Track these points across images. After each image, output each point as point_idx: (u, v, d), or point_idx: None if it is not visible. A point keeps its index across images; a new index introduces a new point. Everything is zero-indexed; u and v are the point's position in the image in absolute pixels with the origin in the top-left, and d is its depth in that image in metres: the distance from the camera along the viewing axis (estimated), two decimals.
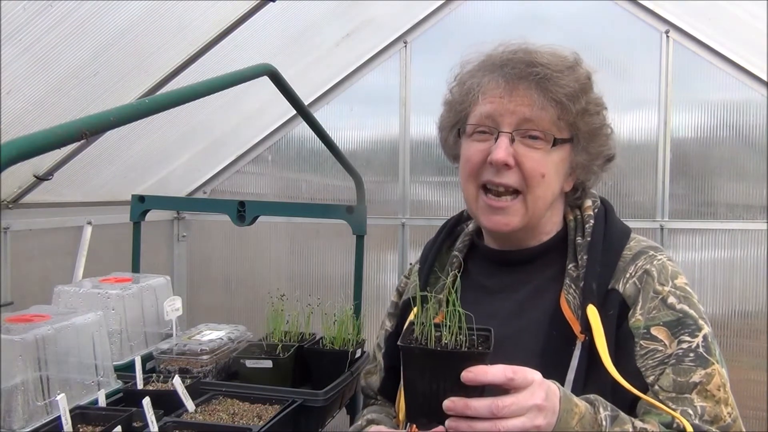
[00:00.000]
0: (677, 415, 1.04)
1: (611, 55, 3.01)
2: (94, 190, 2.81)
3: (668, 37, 2.97)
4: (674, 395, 1.07)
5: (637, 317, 1.13)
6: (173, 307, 1.90)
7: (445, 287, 1.25)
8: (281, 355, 1.81)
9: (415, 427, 1.04)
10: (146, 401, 1.37)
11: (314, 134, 2.11)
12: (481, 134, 1.20)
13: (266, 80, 1.68)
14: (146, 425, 1.36)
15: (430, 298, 1.11)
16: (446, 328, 0.96)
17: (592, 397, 1.02)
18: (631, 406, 1.08)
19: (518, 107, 1.15)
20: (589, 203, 1.28)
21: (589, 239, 1.20)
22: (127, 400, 1.57)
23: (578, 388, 1.08)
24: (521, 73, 1.16)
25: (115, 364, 1.74)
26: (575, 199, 1.30)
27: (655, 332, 1.11)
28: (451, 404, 0.90)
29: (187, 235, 3.59)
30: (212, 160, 3.45)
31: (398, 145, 3.32)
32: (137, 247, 2.37)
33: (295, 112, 2.67)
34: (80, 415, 1.41)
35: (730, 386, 1.10)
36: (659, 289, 1.14)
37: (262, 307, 2.05)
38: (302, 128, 3.35)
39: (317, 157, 3.42)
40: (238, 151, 3.48)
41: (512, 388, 0.91)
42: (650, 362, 1.10)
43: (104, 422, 1.36)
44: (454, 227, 1.43)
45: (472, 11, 3.18)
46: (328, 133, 2.15)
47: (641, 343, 1.11)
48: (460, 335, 0.96)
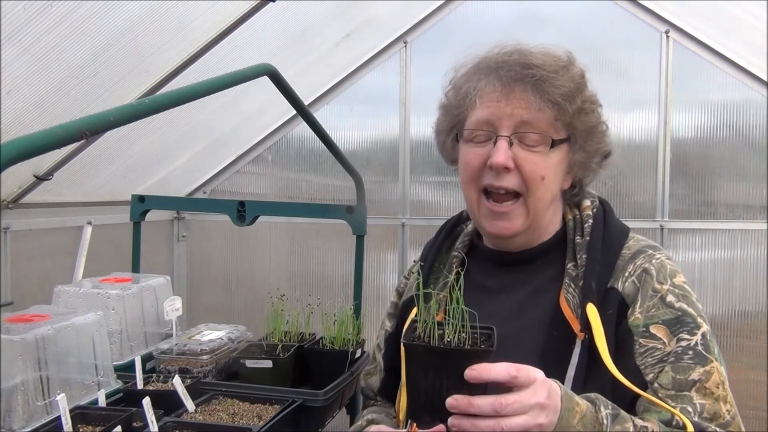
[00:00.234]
0: (677, 412, 1.04)
1: (611, 55, 3.01)
2: (94, 190, 2.81)
3: (668, 37, 2.97)
4: (673, 393, 1.07)
5: (636, 315, 1.13)
6: (173, 307, 1.90)
7: (446, 286, 1.25)
8: (281, 355, 1.81)
9: (415, 426, 1.04)
10: (146, 401, 1.37)
11: (314, 134, 2.11)
12: (479, 138, 1.20)
13: (266, 80, 1.68)
14: (146, 425, 1.36)
15: (432, 296, 1.11)
16: (449, 325, 0.96)
17: (593, 395, 1.03)
18: (630, 404, 1.08)
19: (515, 110, 1.15)
20: (587, 203, 1.28)
21: (588, 239, 1.21)
22: (127, 400, 1.57)
23: (578, 386, 1.08)
24: (517, 75, 1.16)
25: (115, 364, 1.74)
26: (573, 196, 1.30)
27: (654, 330, 1.12)
28: (454, 402, 0.90)
29: (187, 235, 3.59)
30: (212, 160, 3.45)
31: (398, 145, 3.32)
32: (137, 247, 2.37)
33: (295, 112, 2.67)
34: (80, 415, 1.41)
35: (729, 384, 1.10)
36: (658, 287, 1.15)
37: (262, 307, 2.05)
38: (302, 128, 3.35)
39: (317, 157, 3.42)
40: (238, 151, 3.48)
41: (515, 386, 0.91)
42: (649, 360, 1.10)
43: (104, 422, 1.36)
44: (453, 227, 1.43)
45: (472, 11, 3.18)
46: (328, 133, 2.15)
47: (640, 341, 1.11)
48: (462, 333, 0.96)
